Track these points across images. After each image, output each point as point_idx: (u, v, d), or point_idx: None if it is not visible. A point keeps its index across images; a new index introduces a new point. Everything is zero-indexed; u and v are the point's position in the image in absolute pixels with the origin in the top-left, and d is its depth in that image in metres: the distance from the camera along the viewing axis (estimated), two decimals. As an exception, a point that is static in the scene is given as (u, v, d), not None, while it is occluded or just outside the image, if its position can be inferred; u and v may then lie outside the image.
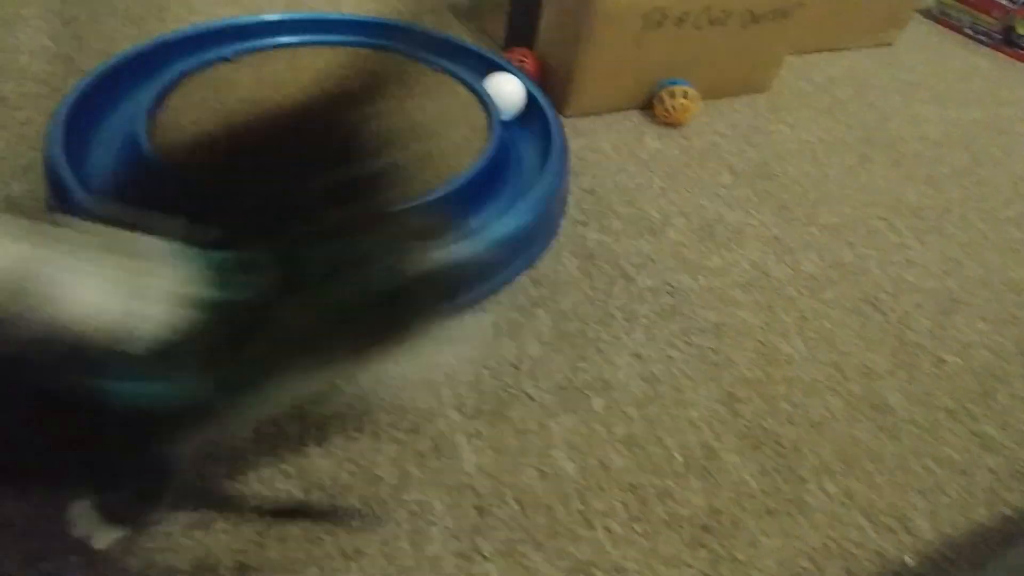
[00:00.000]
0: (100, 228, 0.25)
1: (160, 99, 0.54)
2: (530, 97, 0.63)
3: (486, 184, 0.54)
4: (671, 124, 0.71)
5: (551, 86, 0.69)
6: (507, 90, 0.62)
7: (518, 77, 0.64)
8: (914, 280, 0.57)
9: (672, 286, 0.51)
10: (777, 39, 0.75)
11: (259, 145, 0.36)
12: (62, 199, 0.45)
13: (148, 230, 0.26)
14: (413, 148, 0.54)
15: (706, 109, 0.76)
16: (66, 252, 0.23)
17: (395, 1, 0.88)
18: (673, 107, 0.69)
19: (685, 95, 0.69)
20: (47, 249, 0.22)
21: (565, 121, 0.65)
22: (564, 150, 0.56)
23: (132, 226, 0.25)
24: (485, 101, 0.60)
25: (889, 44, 1.04)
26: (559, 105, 0.68)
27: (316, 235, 0.30)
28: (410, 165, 0.51)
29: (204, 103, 0.55)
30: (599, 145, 0.67)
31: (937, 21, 1.19)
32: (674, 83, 0.70)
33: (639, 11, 0.63)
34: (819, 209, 0.64)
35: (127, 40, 0.71)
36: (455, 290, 0.46)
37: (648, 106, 0.72)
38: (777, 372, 0.46)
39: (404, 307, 0.33)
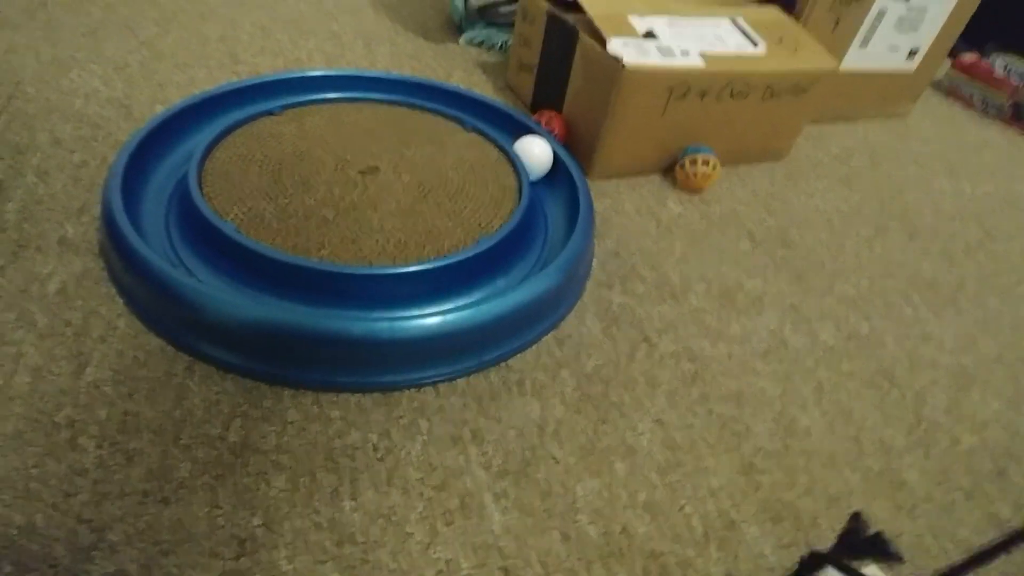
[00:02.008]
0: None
1: (209, 151, 0.57)
2: (557, 158, 0.66)
3: (515, 244, 0.56)
4: (692, 190, 0.74)
5: (577, 148, 0.72)
6: (536, 152, 0.64)
7: (546, 139, 0.67)
8: (930, 355, 0.58)
9: (693, 352, 0.53)
10: (795, 112, 0.78)
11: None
12: (117, 245, 0.47)
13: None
14: (445, 206, 0.56)
15: (726, 175, 0.78)
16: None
17: (428, 59, 0.93)
18: (695, 174, 0.72)
19: (706, 163, 0.71)
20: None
21: (590, 182, 0.67)
22: (591, 214, 0.59)
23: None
24: (515, 162, 0.63)
25: (903, 115, 1.07)
26: (584, 166, 0.71)
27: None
28: (441, 222, 0.53)
29: (251, 155, 0.58)
30: (623, 207, 0.69)
31: (948, 94, 1.23)
32: (696, 150, 0.72)
33: (665, 83, 0.66)
34: (836, 279, 0.66)
35: (175, 87, 0.74)
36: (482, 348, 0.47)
37: (670, 170, 0.75)
38: (796, 444, 0.47)
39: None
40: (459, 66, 0.90)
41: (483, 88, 0.86)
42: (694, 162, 0.72)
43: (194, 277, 0.48)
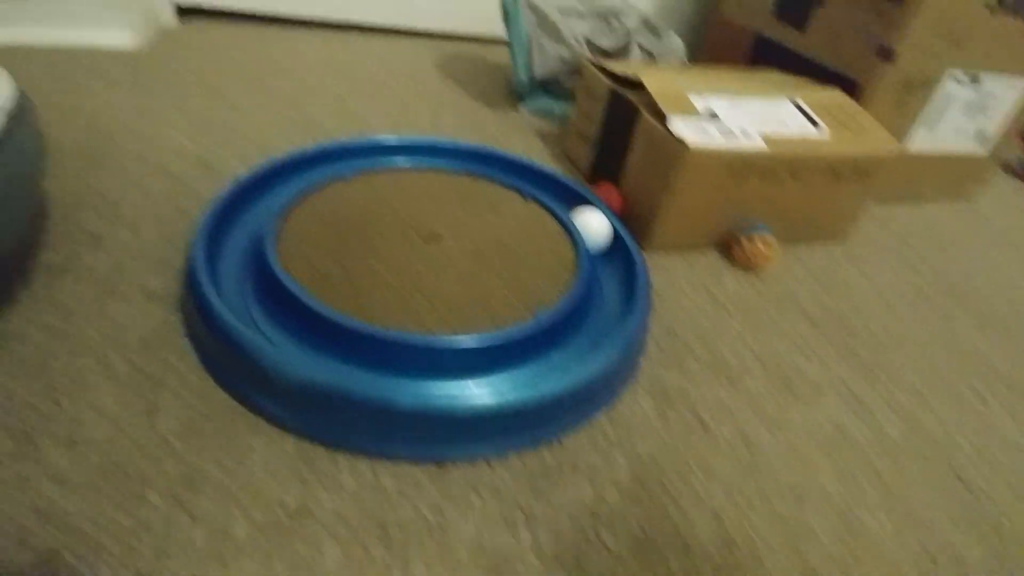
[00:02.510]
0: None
1: (284, 213, 0.60)
2: (614, 232, 0.67)
3: (572, 318, 0.56)
4: (749, 268, 0.73)
5: (634, 221, 0.73)
6: (594, 226, 0.65)
7: (604, 213, 0.68)
8: (1006, 459, 0.55)
9: (750, 440, 0.51)
10: (857, 194, 0.78)
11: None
12: (195, 302, 0.50)
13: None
14: (504, 275, 0.57)
15: (784, 253, 0.78)
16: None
17: (490, 125, 0.96)
18: (752, 253, 0.72)
19: (764, 242, 0.71)
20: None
21: (644, 254, 0.67)
22: (649, 294, 0.59)
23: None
24: (573, 234, 0.64)
25: (971, 198, 1.05)
26: (640, 239, 0.72)
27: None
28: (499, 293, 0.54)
29: (323, 218, 0.60)
30: (678, 283, 0.69)
31: (1017, 176, 1.19)
32: (755, 229, 0.72)
33: (727, 164, 0.67)
34: (901, 369, 0.63)
35: (255, 146, 0.79)
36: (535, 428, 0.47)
37: (727, 246, 0.75)
38: (861, 549, 0.45)
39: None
40: (519, 134, 0.93)
41: (542, 156, 0.88)
42: (751, 240, 0.72)
43: (263, 335, 0.50)
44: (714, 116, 0.70)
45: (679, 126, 0.66)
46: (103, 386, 0.46)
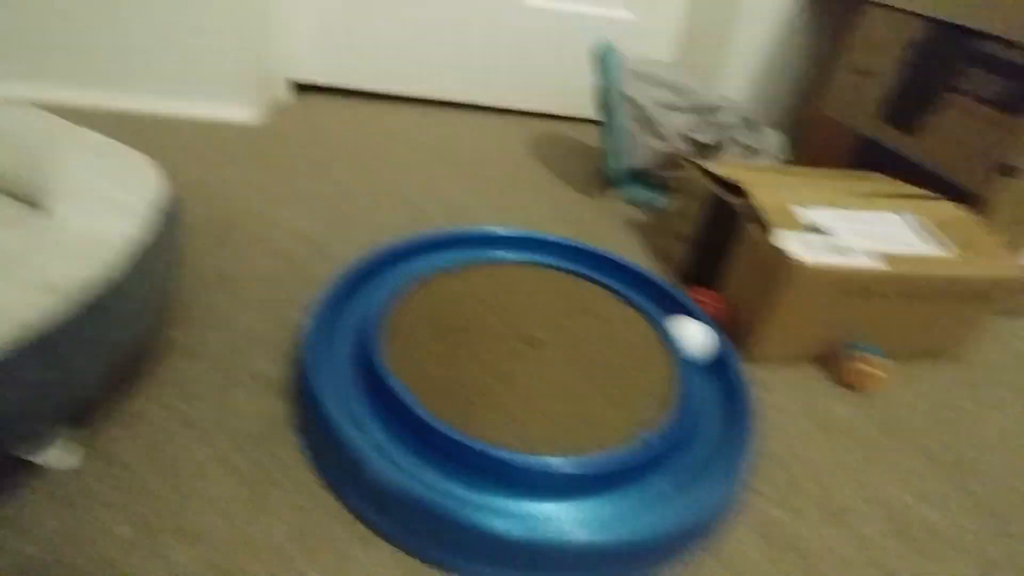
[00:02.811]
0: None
1: (390, 307, 0.62)
2: (713, 343, 0.65)
3: (674, 441, 0.55)
4: (855, 388, 0.70)
5: (733, 330, 0.71)
6: (695, 339, 0.64)
7: (702, 321, 0.67)
8: None
9: (867, 597, 0.48)
10: (975, 314, 0.73)
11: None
12: (306, 402, 0.51)
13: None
14: (604, 389, 0.57)
15: (894, 373, 0.74)
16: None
17: (583, 212, 0.96)
18: (859, 373, 0.68)
19: (872, 363, 0.68)
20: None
21: (743, 365, 0.65)
22: (754, 422, 0.57)
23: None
24: (674, 347, 0.63)
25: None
26: (739, 349, 0.70)
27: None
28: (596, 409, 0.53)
29: (426, 313, 0.62)
30: (780, 402, 0.66)
31: None
32: (863, 349, 0.69)
33: (837, 282, 0.65)
34: (1032, 521, 0.58)
35: (359, 228, 0.83)
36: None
37: (832, 364, 0.72)
38: None
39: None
40: (612, 222, 0.94)
41: (634, 249, 0.89)
42: (859, 361, 0.68)
43: (367, 435, 0.51)
44: (822, 230, 0.68)
45: (786, 240, 0.65)
46: (220, 478, 0.48)
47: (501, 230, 0.77)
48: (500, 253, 0.75)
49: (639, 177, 0.99)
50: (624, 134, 0.93)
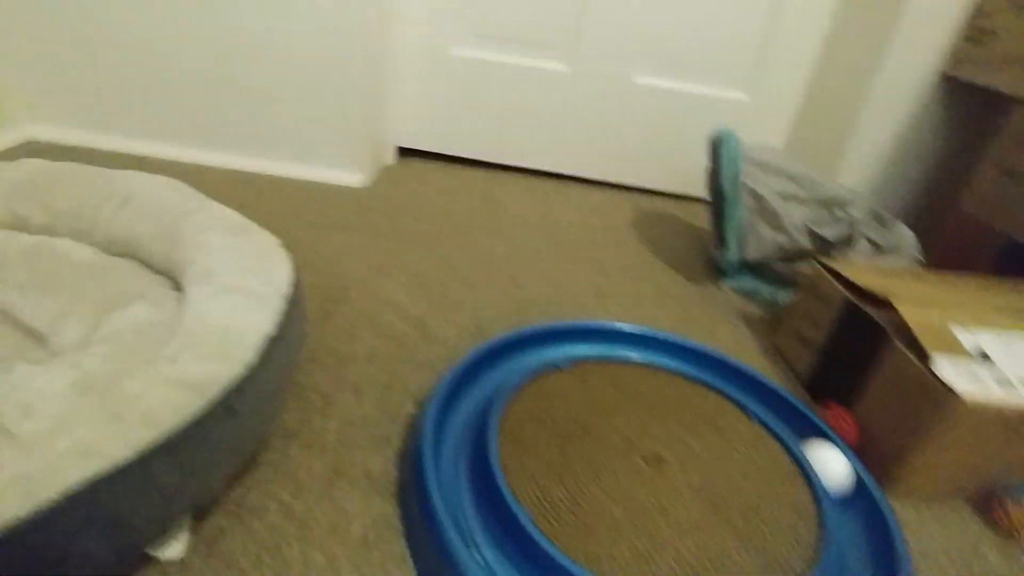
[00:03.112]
0: None
1: (503, 409, 0.59)
2: (854, 474, 0.59)
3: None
4: (1013, 537, 0.61)
5: (871, 458, 0.64)
6: (833, 468, 0.58)
7: (839, 447, 0.60)
8: None
9: None
10: None
11: None
12: (420, 492, 0.49)
13: None
14: (737, 525, 0.51)
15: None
16: None
17: (692, 303, 0.92)
18: (1018, 519, 0.60)
19: (1042, 512, 0.59)
20: None
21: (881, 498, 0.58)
22: (906, 570, 0.50)
23: None
24: (811, 477, 0.57)
25: None
26: (879, 480, 0.63)
27: None
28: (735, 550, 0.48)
29: (541, 417, 0.59)
30: (929, 548, 0.58)
31: None
32: (1020, 491, 0.60)
33: (1001, 418, 0.58)
34: None
35: (466, 309, 0.81)
36: None
37: (987, 506, 0.63)
38: None
39: None
40: (723, 314, 0.89)
41: (749, 346, 0.83)
42: (1018, 504, 0.60)
43: (479, 553, 0.47)
44: (985, 358, 0.61)
45: (947, 370, 0.59)
46: (327, 591, 0.46)
47: (610, 325, 0.74)
48: (619, 351, 0.72)
49: (754, 269, 0.94)
50: (743, 224, 0.88)
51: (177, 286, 0.62)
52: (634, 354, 0.71)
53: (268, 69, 1.08)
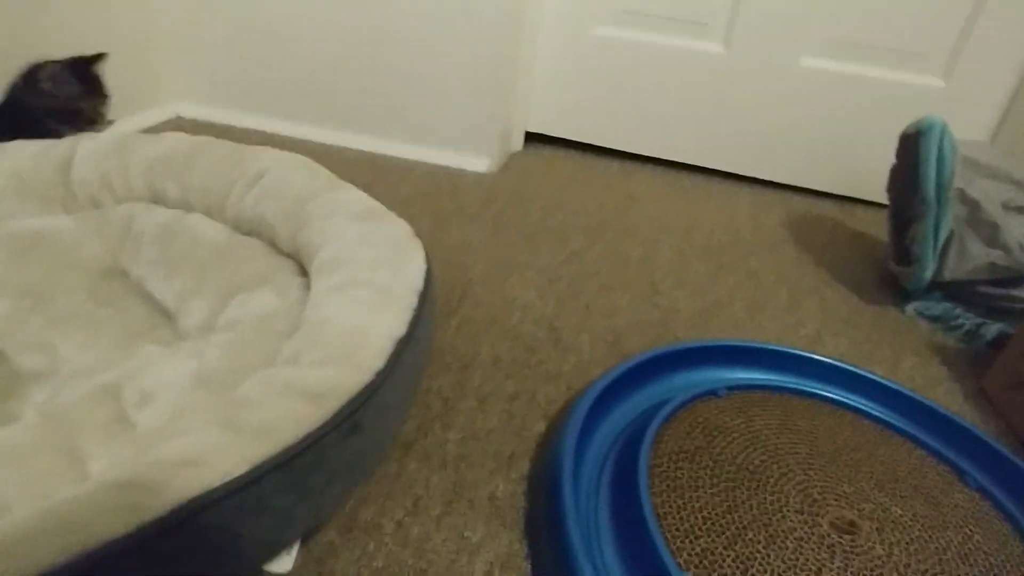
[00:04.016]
0: None
1: (654, 443, 0.50)
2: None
3: None
4: None
5: None
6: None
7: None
8: None
9: None
10: None
11: None
12: (557, 535, 0.41)
13: None
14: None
15: None
16: None
17: (867, 327, 0.76)
18: None
19: None
20: None
21: None
22: None
23: None
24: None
25: None
26: None
27: None
28: None
29: (698, 455, 0.49)
30: None
31: None
32: None
33: None
34: None
35: (599, 314, 0.72)
36: None
37: None
38: None
39: None
40: (910, 347, 0.74)
41: (945, 389, 0.67)
42: None
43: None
44: None
45: None
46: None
47: (790, 349, 0.62)
48: (786, 380, 0.60)
49: (950, 291, 0.77)
50: (945, 236, 0.72)
51: (303, 271, 0.58)
52: (807, 386, 0.59)
53: (399, 50, 1.05)
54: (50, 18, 0.95)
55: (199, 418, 0.37)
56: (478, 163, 1.09)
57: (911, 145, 0.75)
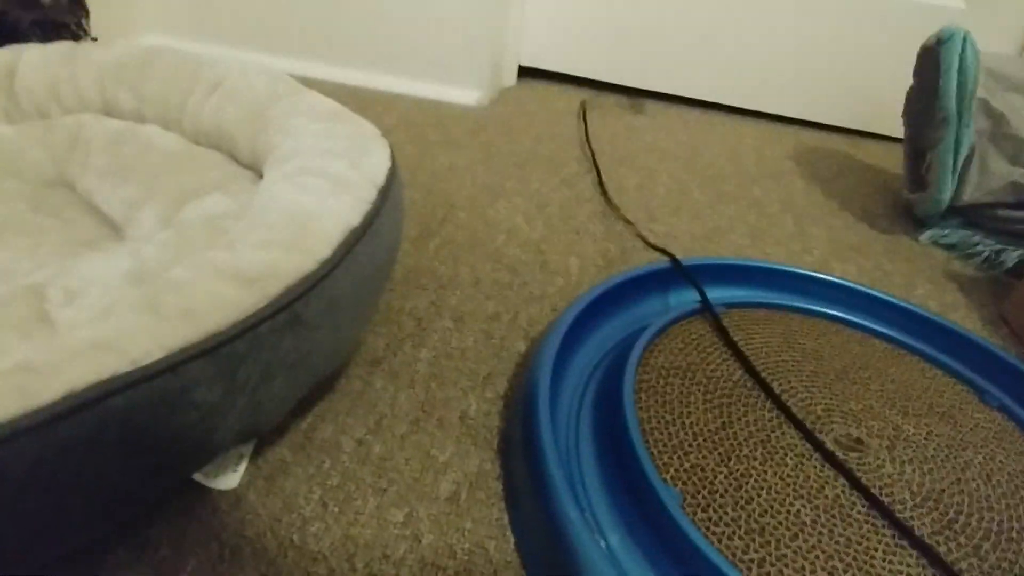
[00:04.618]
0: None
1: (645, 352, 0.46)
2: None
3: None
4: None
5: None
6: None
7: None
8: None
9: None
10: None
11: None
12: (531, 451, 0.37)
13: None
14: (984, 550, 0.35)
15: None
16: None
17: (877, 254, 0.72)
18: None
19: None
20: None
21: None
22: None
23: None
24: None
25: None
26: None
27: None
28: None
29: (690, 371, 0.45)
30: None
31: None
32: None
33: None
34: None
35: (591, 238, 0.68)
36: None
37: None
38: None
39: None
40: (924, 273, 0.69)
41: (962, 314, 0.63)
42: None
43: (601, 536, 0.35)
44: None
45: None
46: (406, 557, 0.36)
47: (791, 267, 0.57)
48: (788, 299, 0.55)
49: (971, 218, 0.72)
50: (965, 154, 0.67)
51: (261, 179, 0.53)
52: (813, 305, 0.54)
53: (384, -30, 0.98)
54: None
55: (123, 307, 0.32)
56: (468, 96, 1.03)
57: (930, 57, 0.69)
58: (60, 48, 0.64)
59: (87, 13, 0.86)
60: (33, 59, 0.63)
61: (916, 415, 0.43)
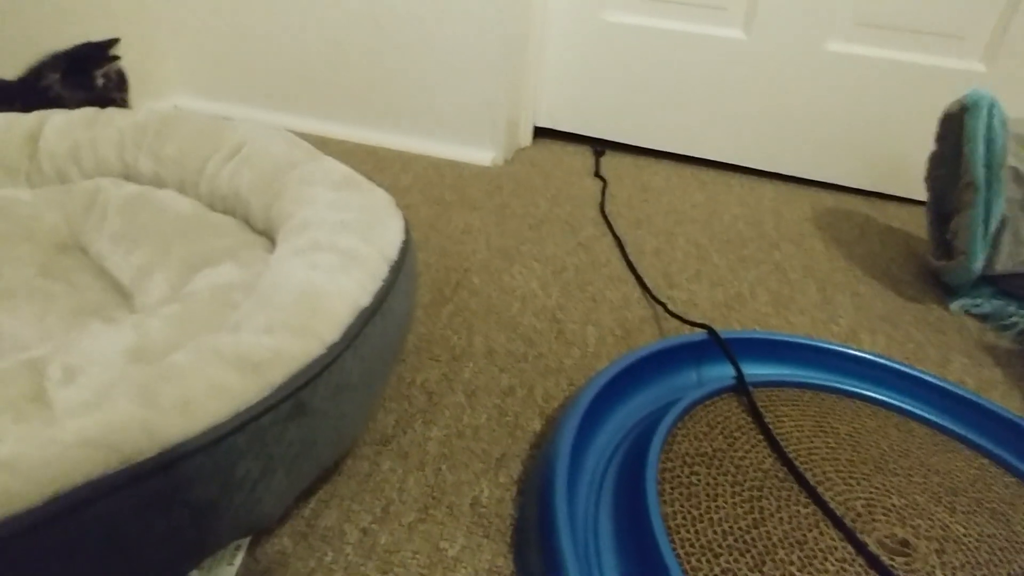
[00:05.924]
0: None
1: (667, 437, 0.43)
2: None
3: None
4: None
5: None
6: None
7: None
8: None
9: None
10: None
11: None
12: (548, 546, 0.34)
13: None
14: None
15: None
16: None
17: (908, 326, 0.69)
18: None
19: None
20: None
21: None
22: None
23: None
24: None
25: None
26: None
27: None
28: None
29: (717, 461, 0.42)
30: None
31: None
32: None
33: None
34: None
35: (608, 306, 0.66)
36: None
37: None
38: None
39: None
40: (955, 346, 0.66)
41: (1001, 392, 0.60)
42: None
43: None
44: None
45: None
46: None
47: (820, 342, 0.55)
48: (818, 376, 0.52)
49: (1004, 286, 0.69)
50: (997, 223, 0.65)
51: (275, 248, 0.52)
52: (845, 384, 0.51)
53: (401, 38, 1.00)
54: (47, 5, 0.92)
55: (119, 393, 0.31)
56: (483, 156, 1.04)
57: (955, 124, 0.68)
58: (85, 113, 0.65)
59: (128, 86, 0.89)
60: (57, 124, 0.64)
61: (965, 512, 0.40)
